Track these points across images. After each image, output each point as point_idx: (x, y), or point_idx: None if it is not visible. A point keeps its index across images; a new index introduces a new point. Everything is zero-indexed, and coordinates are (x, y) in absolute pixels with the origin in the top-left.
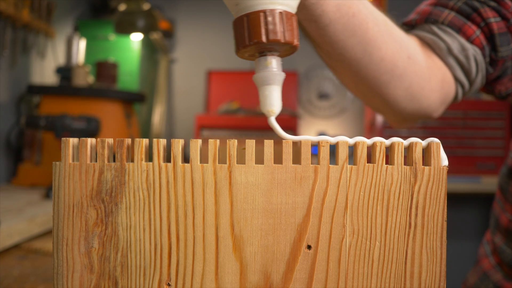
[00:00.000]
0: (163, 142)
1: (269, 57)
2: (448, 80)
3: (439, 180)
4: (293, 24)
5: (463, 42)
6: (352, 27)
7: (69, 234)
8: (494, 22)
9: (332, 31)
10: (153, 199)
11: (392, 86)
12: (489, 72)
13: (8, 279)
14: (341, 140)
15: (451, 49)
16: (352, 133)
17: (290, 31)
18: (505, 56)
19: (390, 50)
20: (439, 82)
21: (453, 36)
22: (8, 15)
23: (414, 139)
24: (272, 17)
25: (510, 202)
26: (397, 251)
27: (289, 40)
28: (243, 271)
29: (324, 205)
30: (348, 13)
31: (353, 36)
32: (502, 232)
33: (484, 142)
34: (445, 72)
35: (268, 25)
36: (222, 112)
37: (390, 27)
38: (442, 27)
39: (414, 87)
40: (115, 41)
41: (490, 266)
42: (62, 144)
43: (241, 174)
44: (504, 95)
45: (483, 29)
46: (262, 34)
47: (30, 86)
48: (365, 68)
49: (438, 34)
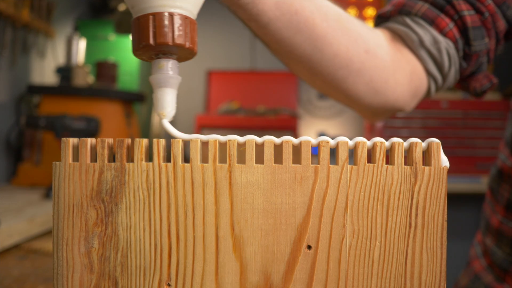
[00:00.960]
0: (163, 142)
1: (163, 60)
2: (418, 73)
3: (439, 180)
4: (186, 27)
5: (435, 34)
6: (296, 24)
7: (69, 234)
8: (468, 15)
9: (274, 29)
10: (153, 199)
11: (350, 81)
12: (462, 66)
13: (8, 279)
14: (341, 140)
15: (423, 41)
16: (352, 133)
17: (182, 34)
18: (479, 50)
19: (344, 45)
20: (408, 75)
21: (425, 28)
22: (8, 15)
23: (414, 139)
24: (161, 20)
25: (501, 203)
26: (397, 251)
27: (179, 43)
28: (243, 271)
29: (324, 205)
30: (290, 11)
31: (299, 33)
32: (493, 234)
33: (484, 142)
34: (415, 65)
35: (157, 28)
36: (222, 112)
37: (344, 22)
38: (415, 19)
39: (377, 81)
40: (115, 41)
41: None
42: (62, 144)
43: (241, 174)
44: (479, 92)
45: (456, 22)
46: (150, 37)
47: (30, 86)
48: (318, 65)
49: (411, 26)
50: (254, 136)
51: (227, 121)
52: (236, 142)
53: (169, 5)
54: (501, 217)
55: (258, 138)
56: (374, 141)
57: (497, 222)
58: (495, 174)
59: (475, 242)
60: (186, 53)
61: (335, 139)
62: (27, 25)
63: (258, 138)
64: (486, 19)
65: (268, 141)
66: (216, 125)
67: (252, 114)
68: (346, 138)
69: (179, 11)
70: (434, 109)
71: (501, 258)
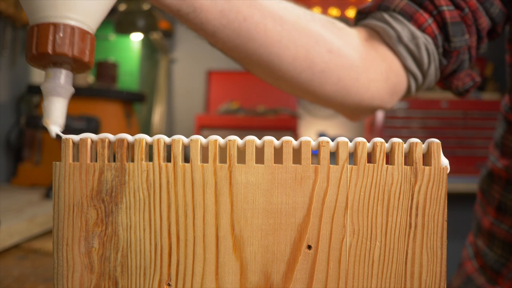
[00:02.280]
0: (163, 142)
1: (54, 69)
2: (395, 70)
3: (439, 180)
4: (85, 40)
5: (413, 30)
6: (247, 31)
7: (69, 234)
8: (447, 10)
9: (224, 37)
10: (153, 199)
11: (317, 83)
12: (442, 63)
13: (8, 279)
14: (341, 140)
15: (401, 37)
16: (352, 133)
17: (80, 47)
18: (459, 47)
19: (302, 48)
20: (383, 72)
21: (403, 24)
22: (8, 15)
23: (414, 140)
24: (61, 31)
25: (492, 205)
26: (397, 251)
27: (77, 55)
28: (243, 271)
29: (325, 205)
30: (238, 18)
31: (251, 41)
32: (484, 235)
33: (484, 142)
34: (392, 61)
35: (56, 38)
36: (222, 112)
37: (303, 23)
38: (393, 14)
39: (345, 80)
40: (115, 41)
41: (473, 269)
42: (62, 144)
43: (242, 174)
44: (461, 91)
45: (435, 17)
46: (48, 46)
47: (30, 86)
48: (278, 69)
49: (389, 22)
50: (254, 137)
51: (227, 121)
52: (236, 142)
53: (70, 17)
54: (492, 219)
55: (258, 140)
56: (374, 141)
57: (489, 224)
58: (485, 175)
59: (467, 243)
60: (82, 66)
61: (335, 139)
62: (27, 25)
63: (258, 140)
64: (466, 15)
65: (268, 141)
66: (216, 125)
67: (252, 114)
68: (346, 138)
69: (79, 25)
70: (434, 109)
71: (493, 260)
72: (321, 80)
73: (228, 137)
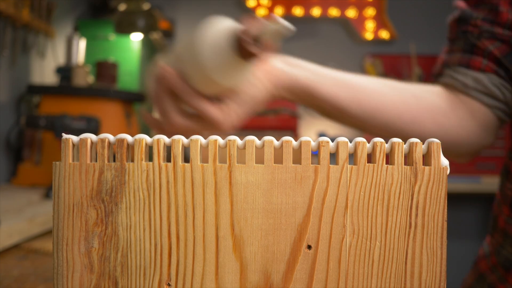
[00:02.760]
0: (163, 142)
1: None
2: (477, 109)
3: (439, 180)
4: None
5: (475, 74)
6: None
7: (69, 234)
8: (494, 48)
9: (343, 107)
10: (153, 199)
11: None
12: None
13: (8, 279)
14: (341, 140)
15: (466, 85)
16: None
17: None
18: None
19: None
20: (467, 113)
21: (465, 73)
22: (8, 15)
23: (414, 140)
24: None
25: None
26: (397, 251)
27: None
28: (243, 271)
29: (324, 205)
30: (371, 107)
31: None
32: (499, 233)
33: None
34: (471, 103)
35: None
36: None
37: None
38: (455, 68)
39: (438, 119)
40: (115, 41)
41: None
42: (62, 144)
43: (241, 174)
44: None
45: (488, 57)
46: None
47: (30, 86)
48: (374, 128)
49: (454, 76)
50: (254, 137)
51: None
52: (236, 142)
53: None
54: (506, 217)
55: (258, 140)
56: (374, 141)
57: (503, 222)
58: (504, 173)
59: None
60: None
61: (335, 139)
62: (27, 25)
63: (257, 140)
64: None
65: (268, 141)
66: None
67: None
68: (346, 138)
69: None
70: None
71: (504, 258)
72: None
73: (228, 137)
